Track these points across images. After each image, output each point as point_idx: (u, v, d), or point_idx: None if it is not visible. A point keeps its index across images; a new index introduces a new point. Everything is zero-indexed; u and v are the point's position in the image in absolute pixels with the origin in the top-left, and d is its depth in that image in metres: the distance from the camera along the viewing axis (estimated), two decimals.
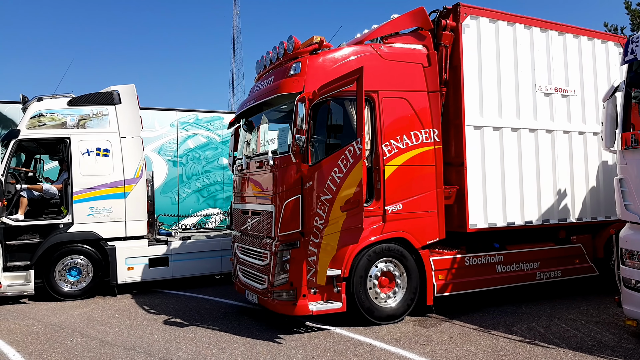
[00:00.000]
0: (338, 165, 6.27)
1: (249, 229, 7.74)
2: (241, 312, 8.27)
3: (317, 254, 6.41)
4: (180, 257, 10.75)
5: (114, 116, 10.44)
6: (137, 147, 10.56)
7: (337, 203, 6.24)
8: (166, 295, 10.00)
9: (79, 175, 10.03)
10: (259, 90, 7.78)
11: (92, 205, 10.09)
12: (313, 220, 6.55)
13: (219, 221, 14.31)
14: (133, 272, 10.31)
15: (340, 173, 6.24)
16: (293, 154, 6.52)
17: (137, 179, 10.45)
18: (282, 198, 6.76)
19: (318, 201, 6.48)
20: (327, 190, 6.37)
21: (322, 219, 6.42)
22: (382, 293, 7.18)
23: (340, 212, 6.20)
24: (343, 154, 6.26)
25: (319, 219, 6.45)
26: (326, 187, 6.39)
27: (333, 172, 6.31)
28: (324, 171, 6.46)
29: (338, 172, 6.26)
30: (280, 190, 6.80)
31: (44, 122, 10.03)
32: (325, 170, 6.45)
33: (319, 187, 6.53)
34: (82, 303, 9.52)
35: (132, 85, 10.77)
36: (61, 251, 9.86)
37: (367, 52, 7.37)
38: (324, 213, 6.38)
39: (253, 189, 7.65)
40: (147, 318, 8.10)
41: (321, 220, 6.42)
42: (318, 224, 6.46)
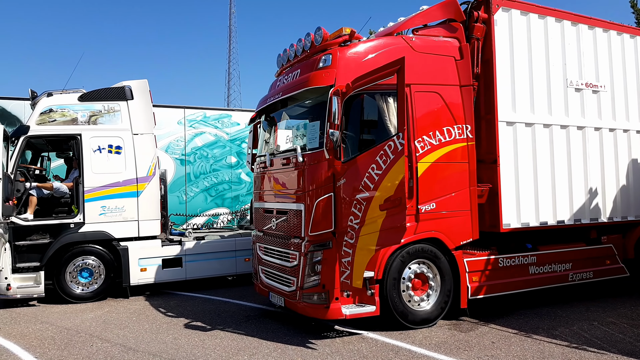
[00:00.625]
0: (376, 162, 5.96)
1: (273, 229, 7.41)
2: (264, 315, 7.95)
3: (353, 255, 6.10)
4: (194, 257, 10.41)
5: (126, 112, 10.09)
6: (150, 144, 10.22)
7: (375, 201, 5.93)
8: (181, 297, 9.66)
9: (91, 173, 9.67)
10: (284, 85, 7.46)
11: (104, 204, 9.74)
12: (347, 219, 6.23)
13: (228, 221, 13.96)
14: (146, 273, 9.97)
15: (379, 170, 5.92)
16: (327, 150, 6.20)
17: (150, 177, 10.11)
18: (312, 196, 6.44)
19: (353, 200, 6.17)
20: (363, 188, 6.06)
21: (357, 219, 6.10)
22: (415, 296, 6.87)
23: (379, 211, 5.89)
24: (382, 150, 5.95)
25: (354, 218, 6.13)
26: (362, 184, 6.08)
27: (370, 169, 6.00)
28: (359, 168, 6.14)
29: (376, 168, 5.95)
30: (311, 188, 6.48)
31: (54, 118, 9.67)
32: (360, 167, 6.14)
33: (354, 185, 6.21)
34: (95, 306, 9.17)
35: (145, 80, 10.42)
36: (72, 252, 9.50)
37: (399, 45, 7.06)
38: (360, 212, 6.07)
39: (278, 187, 7.33)
40: (167, 321, 7.76)
41: (356, 219, 6.11)
42: (353, 223, 6.15)
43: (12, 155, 9.31)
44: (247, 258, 10.81)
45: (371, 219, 5.95)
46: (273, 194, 7.51)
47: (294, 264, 6.80)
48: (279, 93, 7.40)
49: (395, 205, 5.76)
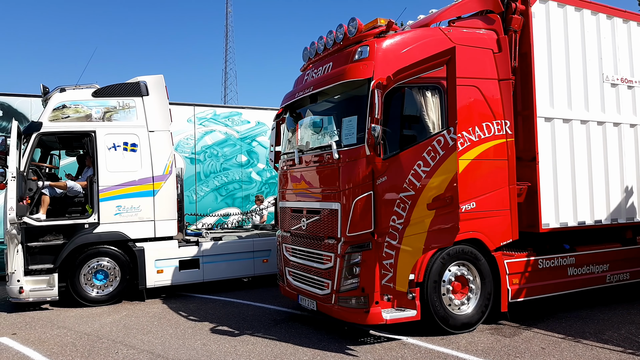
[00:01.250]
0: (423, 158, 5.64)
1: (303, 229, 7.09)
2: (292, 319, 7.62)
3: (396, 257, 5.78)
4: (211, 258, 10.07)
5: (141, 108, 9.74)
6: (166, 142, 9.87)
7: (422, 200, 5.61)
8: (199, 300, 9.32)
9: (105, 172, 9.32)
10: (314, 79, 7.14)
11: (119, 204, 9.39)
12: (388, 219, 5.91)
13: (238, 222, 13.62)
14: (162, 275, 9.62)
15: (426, 167, 5.61)
16: (368, 146, 5.88)
17: (167, 175, 9.77)
18: (350, 195, 6.12)
19: (395, 198, 5.85)
20: (408, 187, 5.74)
21: (401, 218, 5.78)
22: (455, 299, 6.56)
23: (426, 211, 5.57)
24: (430, 145, 5.63)
25: (397, 218, 5.81)
26: (407, 182, 5.76)
27: (417, 165, 5.68)
28: (403, 165, 5.83)
29: (424, 165, 5.63)
30: (348, 187, 6.16)
31: (68, 114, 9.32)
32: (404, 163, 5.82)
33: (397, 183, 5.89)
34: (111, 309, 8.82)
35: (160, 75, 10.08)
36: (87, 253, 9.15)
37: (437, 36, 6.75)
38: (404, 212, 5.75)
39: (309, 186, 7.00)
40: (191, 326, 7.43)
41: (400, 219, 5.79)
42: (396, 223, 5.83)
43: (24, 153, 8.95)
44: (265, 259, 10.51)
45: (417, 218, 5.64)
46: (303, 193, 7.18)
47: (328, 266, 6.48)
48: (309, 87, 7.07)
49: (446, 204, 5.44)
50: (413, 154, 5.78)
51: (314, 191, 6.87)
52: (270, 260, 10.52)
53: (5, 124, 12.68)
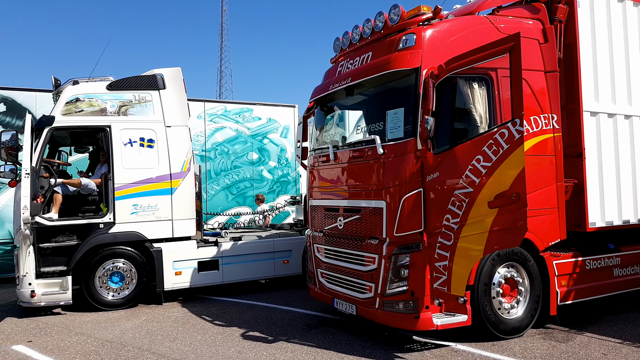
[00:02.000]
0: (483, 153, 5.25)
1: (339, 229, 6.70)
2: (326, 324, 7.23)
3: (451, 259, 5.40)
4: (231, 259, 9.65)
5: (158, 102, 9.31)
6: (184, 138, 9.45)
7: (482, 198, 5.23)
8: (221, 303, 8.91)
9: (121, 169, 8.88)
10: (351, 70, 6.75)
11: (135, 202, 8.95)
12: (441, 218, 5.53)
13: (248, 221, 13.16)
14: (181, 277, 9.20)
15: (487, 162, 5.23)
16: (421, 140, 5.51)
17: (185, 172, 9.34)
18: (397, 193, 5.74)
19: (450, 196, 5.46)
20: (464, 183, 5.36)
21: (456, 217, 5.40)
22: (505, 303, 6.20)
23: (487, 209, 5.19)
24: (491, 139, 5.25)
25: (452, 217, 5.43)
26: (463, 179, 5.37)
27: (475, 160, 5.29)
28: (458, 160, 5.45)
29: (484, 160, 5.24)
30: (395, 184, 5.78)
31: (82, 107, 8.87)
32: (460, 158, 5.44)
33: (451, 180, 5.51)
34: (129, 313, 8.38)
35: (178, 68, 9.65)
36: (102, 254, 8.70)
37: (484, 25, 6.39)
38: (460, 210, 5.37)
39: (347, 183, 6.61)
40: (219, 331, 7.02)
41: (455, 218, 5.41)
42: (450, 223, 5.44)
43: (36, 149, 8.48)
44: (286, 260, 10.12)
45: (476, 217, 5.26)
46: (339, 191, 6.79)
47: (370, 268, 6.10)
48: (346, 79, 6.68)
49: (511, 201, 5.06)
50: (471, 148, 5.40)
51: (353, 189, 6.48)
52: (291, 261, 10.14)
53: (9, 119, 12.21)
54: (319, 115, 7.77)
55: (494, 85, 6.22)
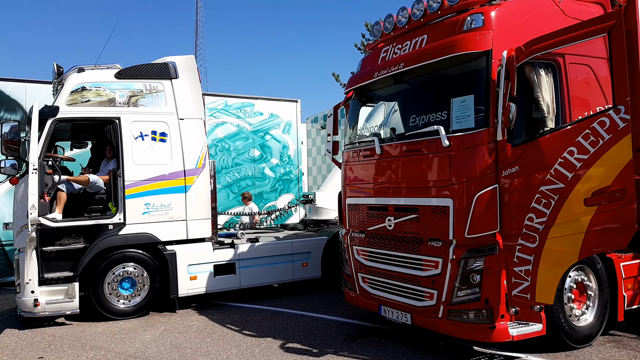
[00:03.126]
0: (578, 144, 4.71)
1: (389, 230, 6.10)
2: (369, 333, 6.61)
3: (536, 263, 4.85)
4: (248, 262, 8.95)
5: (170, 93, 8.57)
6: (198, 131, 8.73)
7: (575, 195, 4.69)
8: (241, 310, 8.22)
9: (132, 165, 8.11)
10: (403, 54, 6.14)
11: (147, 201, 8.20)
12: (522, 218, 4.97)
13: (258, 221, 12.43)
14: (196, 282, 8.47)
15: (582, 154, 4.69)
16: (503, 130, 4.95)
17: (199, 169, 8.62)
18: (468, 189, 5.16)
19: (534, 193, 4.91)
20: (553, 178, 4.81)
21: (542, 217, 4.84)
22: (576, 309, 5.69)
23: (582, 207, 4.66)
24: (588, 129, 4.71)
25: (537, 216, 4.88)
26: (552, 173, 4.82)
27: (567, 153, 4.75)
28: (545, 152, 4.90)
29: (578, 152, 4.70)
30: (464, 179, 5.20)
31: (88, 97, 8.08)
32: (547, 150, 4.89)
33: (536, 174, 4.94)
34: (143, 323, 7.64)
35: (191, 56, 8.94)
36: (111, 258, 7.93)
37: (550, 7, 5.86)
38: (547, 208, 4.82)
39: (400, 179, 6.00)
40: (253, 343, 6.35)
41: (541, 217, 4.85)
42: (534, 223, 4.89)
43: (39, 141, 7.65)
44: (305, 262, 9.47)
45: (568, 217, 4.72)
46: (388, 188, 6.18)
47: (432, 273, 5.51)
48: (397, 64, 6.07)
49: (614, 198, 4.55)
50: (561, 138, 4.86)
51: (408, 185, 5.88)
52: (309, 263, 9.50)
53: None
54: (355, 107, 7.16)
55: (562, 72, 5.70)
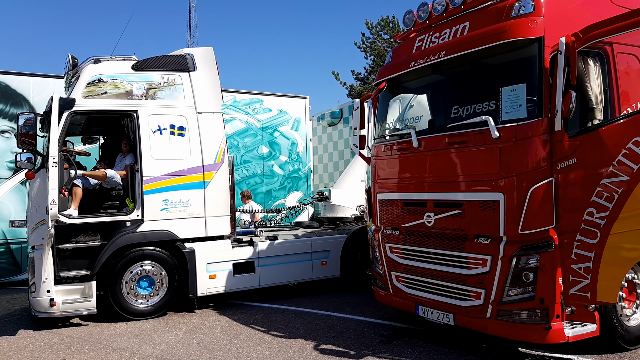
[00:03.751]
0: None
1: (428, 226, 5.85)
2: (404, 334, 6.37)
3: (597, 260, 4.62)
4: (267, 261, 8.69)
5: (188, 86, 8.29)
6: (217, 126, 8.44)
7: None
8: (262, 310, 7.96)
9: (150, 159, 7.82)
10: (443, 43, 5.89)
11: (166, 197, 7.91)
12: (581, 212, 4.73)
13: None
14: (215, 281, 8.19)
15: None
16: (564, 119, 4.71)
17: (218, 164, 8.34)
18: (521, 183, 4.92)
19: (595, 186, 4.68)
20: (617, 170, 4.57)
21: (604, 211, 4.61)
22: (627, 308, 5.47)
23: None
24: None
25: (597, 210, 4.64)
26: (615, 165, 4.58)
27: (632, 143, 4.52)
28: (606, 143, 4.67)
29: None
30: (518, 172, 4.96)
31: (105, 89, 7.77)
32: (609, 141, 4.66)
33: (597, 166, 4.69)
34: (163, 323, 7.36)
35: (210, 48, 8.63)
36: (129, 256, 7.63)
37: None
38: (610, 202, 4.58)
39: (442, 173, 5.75)
40: (285, 345, 6.09)
41: (602, 212, 4.62)
42: (595, 218, 4.65)
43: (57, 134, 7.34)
44: (324, 261, 9.22)
45: (634, 211, 4.50)
46: (427, 182, 5.94)
47: (479, 271, 5.27)
48: (437, 53, 5.83)
49: None
50: (625, 129, 4.63)
51: (450, 179, 5.63)
52: (329, 262, 9.24)
53: (3, 106, 10.97)
54: (384, 99, 6.91)
55: (610, 62, 5.48)
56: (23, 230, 10.92)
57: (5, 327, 7.41)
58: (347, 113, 15.25)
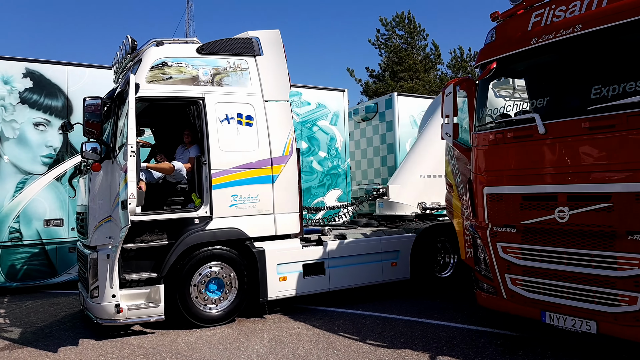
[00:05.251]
0: None
1: (560, 222, 5.21)
2: (523, 344, 5.72)
3: None
4: (336, 262, 8.02)
5: (255, 72, 7.63)
6: (285, 115, 7.78)
7: None
8: (339, 315, 7.30)
9: (218, 151, 7.15)
10: (578, 16, 5.21)
11: (234, 192, 7.24)
12: None
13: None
14: (286, 283, 7.52)
15: None
16: None
17: (287, 157, 7.69)
18: None
19: None
20: None
21: None
22: None
23: None
24: None
25: None
26: None
27: None
28: None
29: None
30: None
31: (170, 74, 7.09)
32: None
33: None
34: (237, 331, 6.69)
35: (276, 30, 7.97)
36: (198, 257, 6.96)
37: None
38: None
39: (579, 162, 5.10)
40: (396, 356, 5.43)
41: None
42: None
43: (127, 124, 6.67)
44: (394, 262, 8.56)
45: None
46: (560, 173, 5.29)
47: (634, 273, 4.64)
48: (572, 27, 5.18)
49: None
50: None
51: (593, 169, 4.98)
52: (398, 263, 8.59)
53: (37, 96, 10.25)
54: (486, 82, 6.28)
55: None
56: (59, 230, 10.26)
57: (61, 336, 6.72)
58: (382, 108, 14.63)
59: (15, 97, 10.04)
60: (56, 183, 10.29)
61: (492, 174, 6.02)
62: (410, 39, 30.15)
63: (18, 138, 10.03)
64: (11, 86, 10.03)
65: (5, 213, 9.82)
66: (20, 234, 9.94)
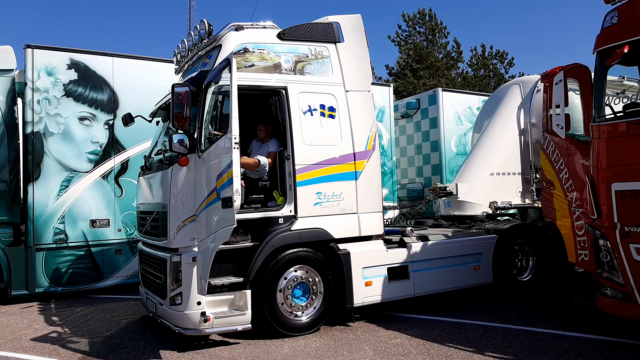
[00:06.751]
0: None
1: None
2: None
3: None
4: (420, 265, 7.44)
5: (335, 59, 7.07)
6: (367, 106, 7.22)
7: None
8: (435, 325, 6.73)
9: (302, 145, 6.59)
10: None
11: (319, 190, 6.68)
12: None
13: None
14: (371, 289, 6.94)
15: None
16: None
17: (369, 152, 7.11)
18: None
19: None
20: None
21: None
22: None
23: None
24: None
25: None
26: None
27: None
28: None
29: None
30: None
31: (252, 61, 6.52)
32: None
33: None
34: (330, 341, 6.11)
35: (358, 15, 7.40)
36: (283, 260, 6.38)
37: None
38: None
39: None
40: None
41: None
42: None
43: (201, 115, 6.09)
44: (477, 265, 7.99)
45: None
46: None
47: None
48: None
49: None
50: None
51: None
52: (481, 266, 8.02)
53: (82, 89, 9.67)
54: (605, 69, 5.73)
55: None
56: (105, 231, 9.68)
57: (137, 347, 6.13)
58: (425, 104, 14.06)
59: (59, 90, 9.46)
60: (102, 181, 9.72)
61: (623, 169, 5.46)
62: (432, 36, 29.62)
63: (62, 133, 9.45)
64: (55, 78, 9.45)
65: (49, 213, 9.23)
66: (65, 236, 9.35)
